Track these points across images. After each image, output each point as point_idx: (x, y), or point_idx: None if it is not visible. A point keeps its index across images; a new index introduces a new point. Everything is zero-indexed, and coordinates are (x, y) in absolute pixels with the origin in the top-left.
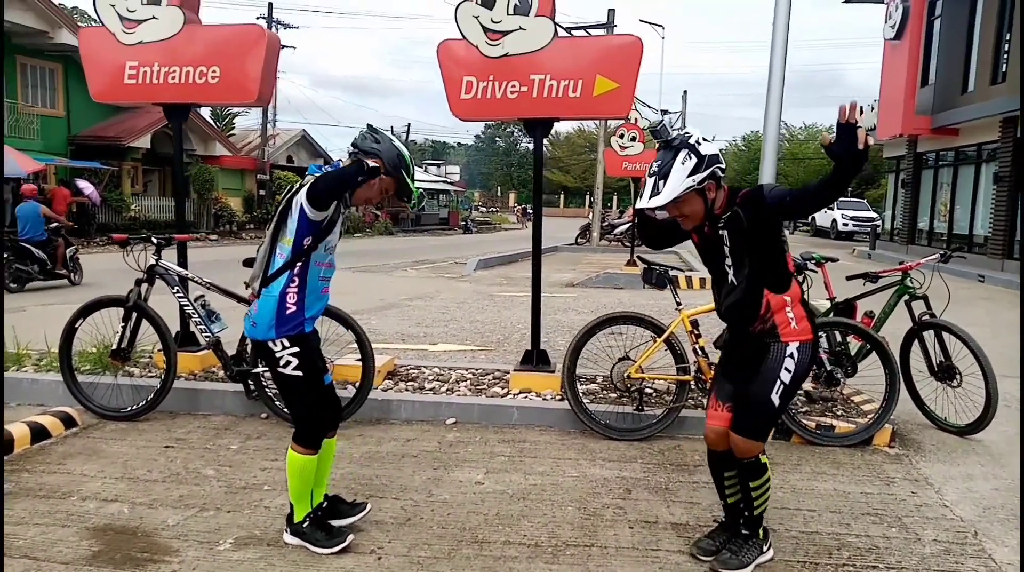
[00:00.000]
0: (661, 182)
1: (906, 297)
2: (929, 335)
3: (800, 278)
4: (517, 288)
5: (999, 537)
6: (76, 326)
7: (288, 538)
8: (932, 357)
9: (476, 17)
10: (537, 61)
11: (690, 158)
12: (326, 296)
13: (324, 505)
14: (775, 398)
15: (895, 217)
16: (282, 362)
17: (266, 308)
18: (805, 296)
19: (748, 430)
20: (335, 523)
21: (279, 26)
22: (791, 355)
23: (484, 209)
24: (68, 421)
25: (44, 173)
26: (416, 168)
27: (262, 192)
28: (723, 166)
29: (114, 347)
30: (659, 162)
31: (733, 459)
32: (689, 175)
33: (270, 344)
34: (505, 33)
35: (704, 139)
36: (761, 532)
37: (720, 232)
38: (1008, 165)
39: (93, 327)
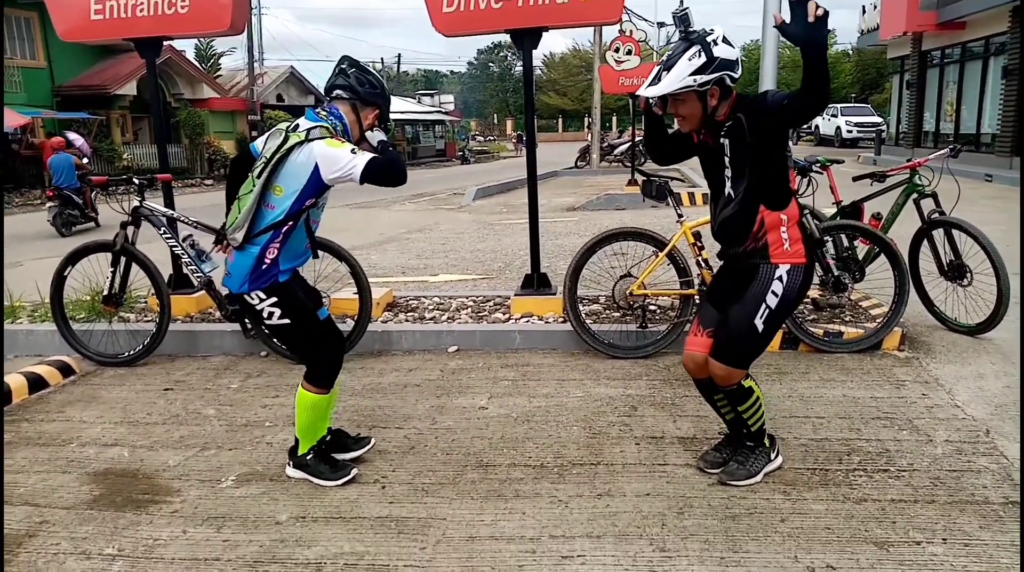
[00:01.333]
0: (664, 72)
1: (915, 195)
2: (939, 234)
3: (805, 181)
4: (517, 215)
5: (1011, 434)
6: (65, 274)
7: (291, 471)
8: (942, 256)
9: None
10: None
11: (699, 56)
12: (308, 251)
13: (328, 438)
14: (759, 323)
15: (900, 120)
16: (265, 314)
17: (243, 263)
18: (810, 200)
19: (728, 356)
20: (339, 456)
21: None
22: (779, 278)
23: (481, 138)
24: (65, 370)
25: (31, 126)
26: (409, 100)
27: (254, 133)
28: (736, 74)
29: (105, 293)
30: (671, 52)
31: (717, 385)
32: (692, 73)
33: (246, 297)
34: None
35: (725, 41)
36: (767, 440)
37: (721, 141)
38: (1018, 58)
39: (84, 275)
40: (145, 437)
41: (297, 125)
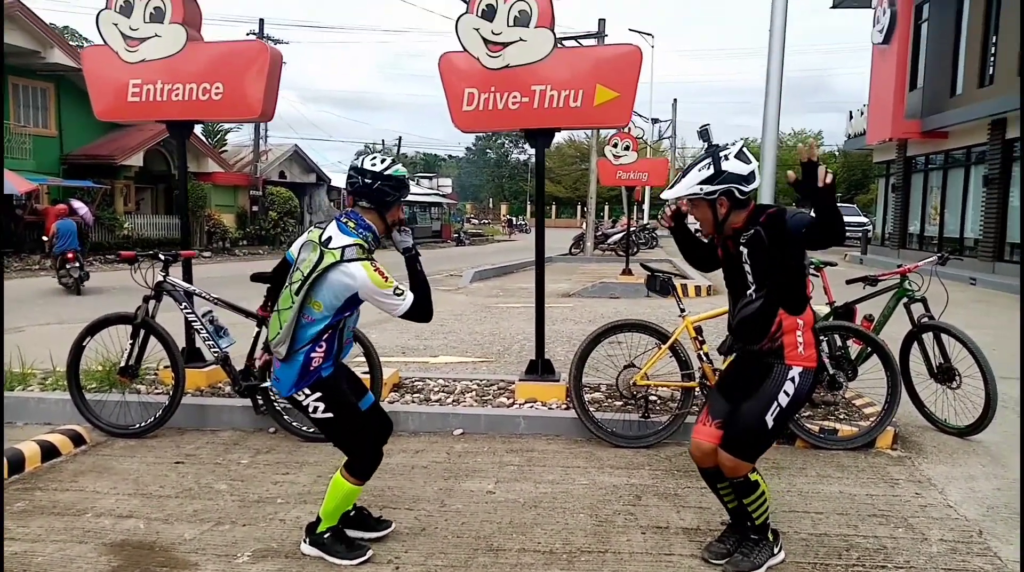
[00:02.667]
0: (682, 178)
1: (905, 299)
2: (928, 337)
3: None
4: (514, 299)
5: (1003, 535)
6: (84, 344)
7: (306, 548)
8: (931, 359)
9: (477, 29)
10: (538, 72)
11: (708, 168)
12: (349, 345)
13: (352, 514)
14: (769, 420)
15: (886, 222)
16: (310, 409)
17: (290, 372)
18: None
19: (737, 448)
20: (359, 534)
21: (270, 41)
22: (792, 379)
23: (476, 221)
24: (77, 439)
25: (37, 193)
26: (408, 182)
27: (255, 208)
28: (745, 188)
29: (122, 364)
30: (693, 161)
31: (722, 474)
32: (700, 183)
33: (295, 396)
34: (506, 44)
35: (741, 156)
36: (771, 535)
37: (741, 249)
38: (997, 167)
39: (98, 345)
40: (159, 510)
41: (330, 238)
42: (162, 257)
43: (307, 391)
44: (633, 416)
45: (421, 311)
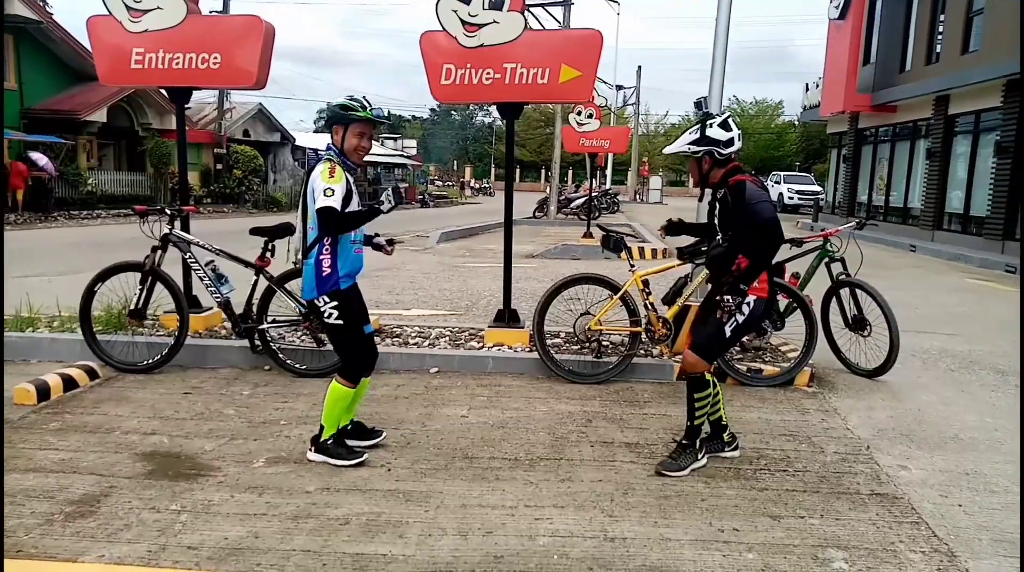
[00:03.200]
0: (678, 139)
1: (826, 259)
2: (845, 292)
3: None
4: (479, 259)
5: (886, 449)
6: (95, 289)
7: (311, 455)
8: (847, 311)
9: (455, 11)
10: (510, 51)
11: (695, 133)
12: (360, 256)
13: (349, 427)
14: (727, 329)
15: (837, 190)
16: (325, 314)
17: (307, 274)
18: None
19: (699, 349)
20: (357, 442)
21: None
22: (748, 303)
23: (440, 182)
24: (92, 373)
25: None
26: (373, 142)
27: (219, 166)
28: (723, 151)
29: (132, 307)
30: (688, 126)
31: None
32: (688, 143)
33: (316, 301)
34: (481, 26)
35: (722, 125)
36: (697, 443)
37: (715, 203)
38: (939, 141)
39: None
40: (178, 428)
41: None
42: (168, 211)
43: (327, 298)
44: (588, 357)
45: (326, 220)
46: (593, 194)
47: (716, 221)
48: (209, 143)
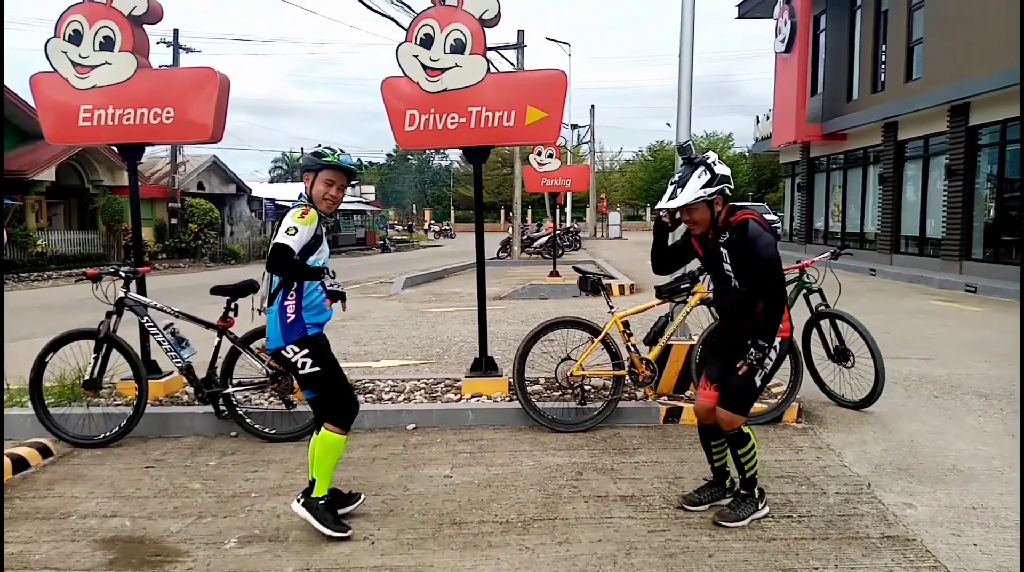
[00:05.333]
0: (679, 190)
1: (804, 291)
2: (825, 323)
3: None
4: (446, 304)
5: (887, 486)
6: (46, 360)
7: (297, 508)
8: (828, 342)
9: (416, 56)
10: (474, 94)
11: (706, 174)
12: (325, 304)
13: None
14: (757, 380)
15: (793, 218)
16: (298, 365)
17: (271, 322)
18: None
19: (732, 404)
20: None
21: (183, 51)
22: (774, 347)
23: (400, 227)
24: (44, 451)
25: None
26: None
27: (174, 221)
28: (731, 186)
29: (86, 377)
30: (680, 174)
31: (719, 431)
32: (702, 187)
33: (283, 352)
34: (443, 70)
35: (719, 162)
36: (757, 492)
37: (721, 250)
38: (891, 167)
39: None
40: (141, 509)
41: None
42: (123, 274)
43: (294, 348)
44: (571, 404)
45: (276, 255)
46: (556, 232)
47: (727, 267)
48: (163, 198)
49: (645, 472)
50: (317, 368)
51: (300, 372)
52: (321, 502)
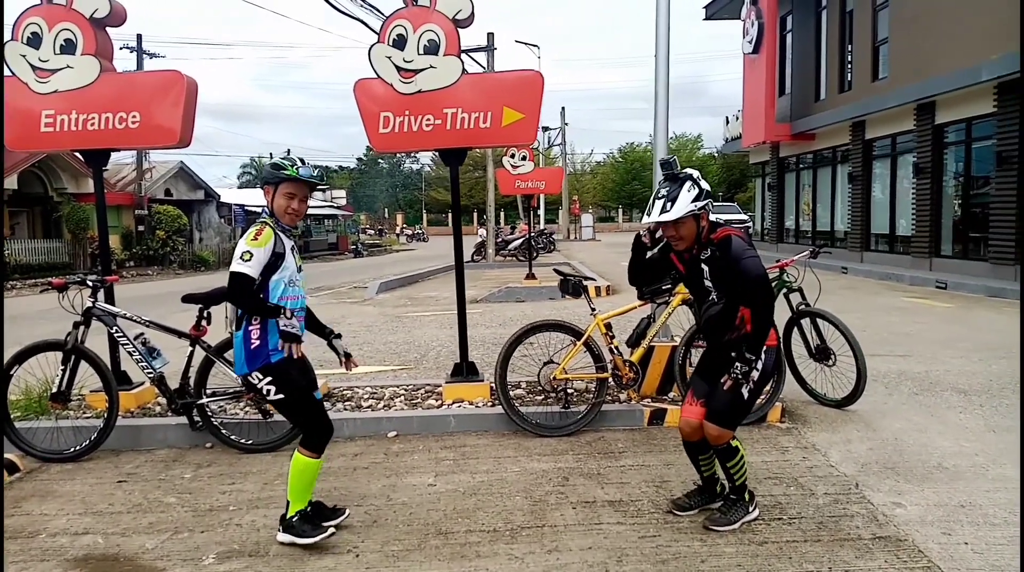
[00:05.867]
0: (669, 204)
1: (784, 290)
2: (806, 322)
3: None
4: (422, 308)
5: (875, 485)
6: (11, 373)
7: (280, 536)
8: (810, 342)
9: (389, 57)
10: (449, 96)
11: (694, 188)
12: (299, 324)
13: (308, 509)
14: (744, 392)
15: (764, 218)
16: (264, 392)
17: (238, 346)
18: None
19: (721, 419)
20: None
21: (147, 56)
22: (760, 357)
23: (372, 231)
24: (11, 467)
25: None
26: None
27: (141, 228)
28: (712, 202)
29: (54, 390)
30: (667, 189)
31: (706, 445)
32: (692, 201)
33: (249, 378)
34: (417, 71)
35: (703, 177)
36: (747, 495)
37: (702, 266)
38: (860, 165)
39: (22, 373)
40: (114, 525)
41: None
42: (90, 283)
43: (259, 375)
44: (555, 408)
45: (234, 287)
46: (531, 234)
47: (708, 282)
48: (129, 205)
49: (632, 476)
50: (281, 395)
51: (267, 398)
52: (295, 519)
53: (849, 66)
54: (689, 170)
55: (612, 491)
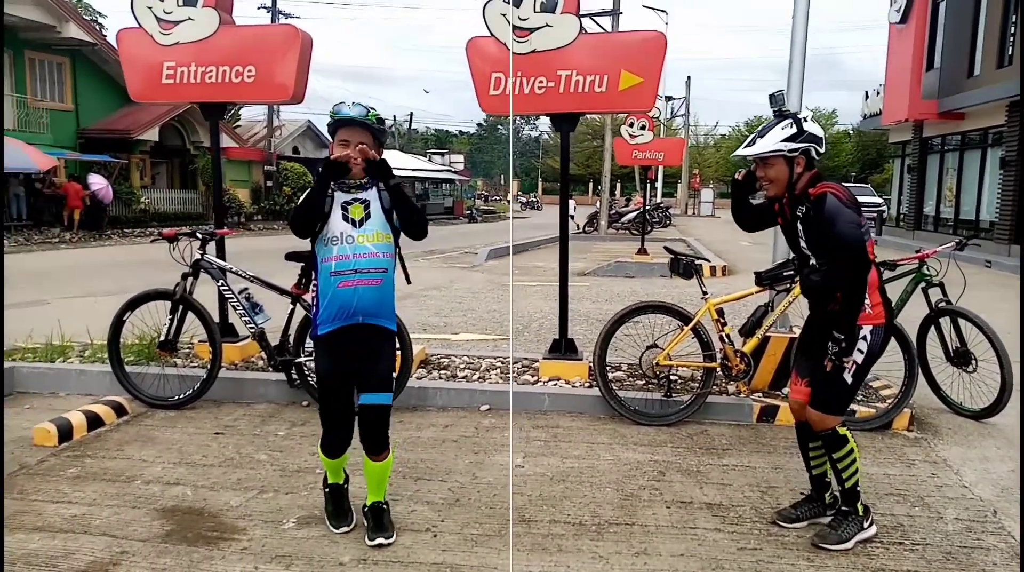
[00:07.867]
0: (758, 138)
1: (923, 284)
2: (945, 321)
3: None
4: (529, 277)
5: (1016, 515)
6: (124, 318)
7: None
8: (948, 343)
9: (504, 15)
10: (564, 57)
11: (790, 127)
12: (347, 292)
13: (366, 508)
14: (847, 376)
15: (901, 203)
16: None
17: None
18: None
19: (822, 405)
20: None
21: (281, 15)
22: (864, 337)
23: (487, 197)
24: (119, 409)
25: (56, 168)
26: (420, 158)
27: (269, 183)
28: (821, 149)
29: (162, 338)
30: (766, 123)
31: (813, 431)
32: (783, 140)
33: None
34: (532, 30)
35: (814, 121)
36: (860, 508)
37: (798, 225)
38: (1015, 150)
39: (135, 319)
40: (204, 478)
41: None
42: (199, 235)
43: (311, 343)
44: (655, 395)
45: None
46: (646, 208)
47: (803, 244)
48: (259, 160)
49: (735, 477)
50: (316, 374)
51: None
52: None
53: (1011, 39)
54: (796, 111)
55: (712, 492)
